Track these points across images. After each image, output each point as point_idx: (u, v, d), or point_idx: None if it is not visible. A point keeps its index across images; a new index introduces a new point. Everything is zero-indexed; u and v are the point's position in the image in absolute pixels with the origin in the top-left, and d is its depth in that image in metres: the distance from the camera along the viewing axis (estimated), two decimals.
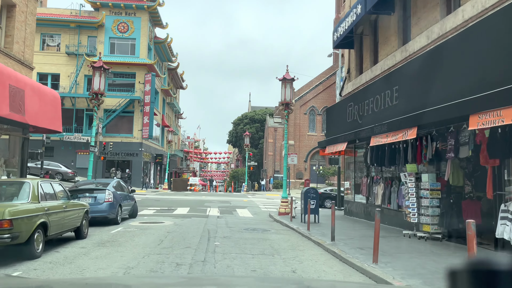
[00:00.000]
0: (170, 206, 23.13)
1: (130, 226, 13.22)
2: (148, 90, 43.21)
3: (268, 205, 26.32)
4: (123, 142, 43.43)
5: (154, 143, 51.36)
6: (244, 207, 23.93)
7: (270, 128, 53.09)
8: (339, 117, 17.84)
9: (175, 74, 65.79)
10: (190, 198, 29.96)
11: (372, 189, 15.16)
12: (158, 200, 27.39)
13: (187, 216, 17.31)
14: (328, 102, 52.13)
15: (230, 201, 28.15)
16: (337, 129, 17.60)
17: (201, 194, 36.93)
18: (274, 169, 52.44)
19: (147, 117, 42.99)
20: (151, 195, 32.96)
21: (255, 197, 34.49)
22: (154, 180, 52.52)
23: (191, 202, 26.08)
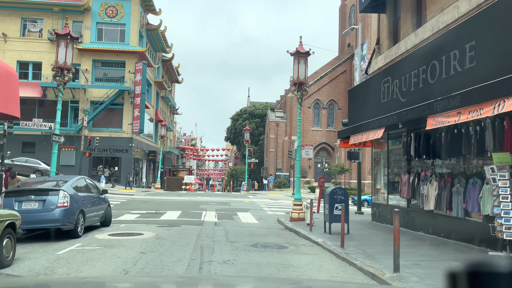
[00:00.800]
0: (159, 209, 19.49)
1: (93, 241, 9.55)
2: (139, 80, 39.47)
3: (273, 207, 22.69)
4: (112, 137, 39.71)
5: (147, 139, 47.63)
6: (246, 210, 20.29)
7: (271, 123, 49.45)
8: (369, 98, 14.20)
9: (170, 67, 62.05)
10: (183, 199, 26.32)
11: (418, 189, 11.51)
12: (146, 201, 23.72)
13: (176, 224, 13.66)
14: (334, 94, 48.60)
15: (229, 203, 24.52)
16: (366, 113, 13.96)
17: (196, 194, 33.31)
18: (275, 167, 48.80)
19: (137, 110, 39.27)
20: (140, 195, 29.29)
21: (256, 198, 30.88)
22: (147, 179, 48.81)
23: (184, 204, 22.42)
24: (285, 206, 24.02)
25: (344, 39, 53.30)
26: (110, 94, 39.40)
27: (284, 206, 24.43)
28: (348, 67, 49.35)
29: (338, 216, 11.21)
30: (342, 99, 49.54)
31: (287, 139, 48.76)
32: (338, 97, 49.50)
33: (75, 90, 39.50)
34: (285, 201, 29.47)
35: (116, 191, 31.89)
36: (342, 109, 49.58)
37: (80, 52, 39.97)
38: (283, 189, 45.27)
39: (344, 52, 50.33)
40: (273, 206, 23.40)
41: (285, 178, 47.11)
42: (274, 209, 21.85)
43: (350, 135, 14.89)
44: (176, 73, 67.66)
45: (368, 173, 44.01)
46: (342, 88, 49.54)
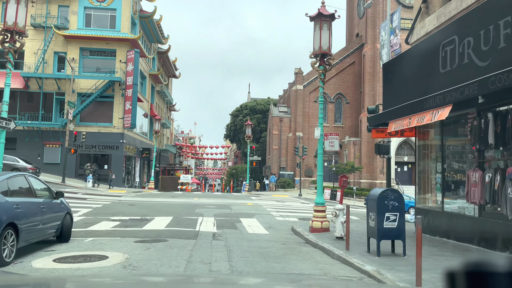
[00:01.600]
0: (146, 214, 16.11)
1: (22, 274, 6.13)
2: (131, 70, 36.06)
3: (282, 211, 19.31)
4: (101, 132, 36.30)
5: (140, 135, 44.23)
6: (251, 215, 16.91)
7: (274, 118, 46.03)
8: (416, 71, 10.81)
9: (166, 60, 58.64)
10: (178, 201, 22.92)
11: (504, 191, 8.09)
12: (133, 204, 20.31)
13: (162, 236, 10.28)
14: (341, 88, 45.25)
15: (230, 205, 21.13)
16: (413, 91, 10.58)
17: (193, 195, 29.93)
18: (279, 165, 45.40)
19: (129, 103, 35.85)
20: (129, 196, 25.88)
21: (260, 199, 27.50)
22: (141, 179, 45.39)
23: (178, 208, 19.02)
24: (296, 210, 20.65)
25: (352, 29, 49.92)
26: (99, 85, 35.99)
27: (294, 209, 21.05)
28: (357, 58, 45.97)
29: (391, 230, 7.83)
30: (350, 93, 46.21)
31: (292, 136, 45.37)
32: (346, 90, 46.13)
33: (60, 81, 36.11)
34: (293, 203, 26.08)
35: (102, 191, 28.50)
36: (351, 103, 46.24)
37: (67, 39, 36.54)
38: (287, 189, 41.88)
39: (353, 42, 46.95)
40: (281, 210, 20.01)
41: (289, 178, 43.73)
42: (283, 213, 18.46)
43: (388, 121, 11.48)
44: (173, 67, 64.26)
45: (380, 172, 40.65)
46: (351, 81, 46.20)
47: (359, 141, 42.47)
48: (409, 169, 43.47)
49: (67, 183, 31.42)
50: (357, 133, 44.90)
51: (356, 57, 46.02)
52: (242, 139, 60.22)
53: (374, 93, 42.22)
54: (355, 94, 46.17)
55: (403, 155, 43.24)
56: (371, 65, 42.62)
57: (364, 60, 43.17)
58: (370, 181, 41.36)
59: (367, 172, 41.25)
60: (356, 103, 46.00)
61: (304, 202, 27.46)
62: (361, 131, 42.67)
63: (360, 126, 43.08)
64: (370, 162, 41.48)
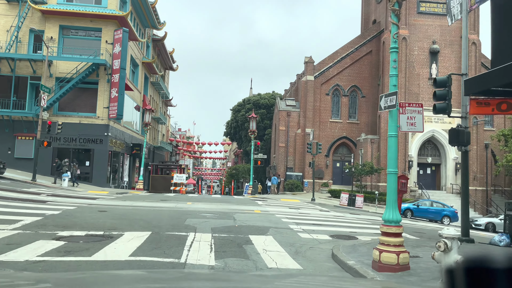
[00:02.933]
0: (114, 227, 11.25)
1: None
2: (118, 53, 31.17)
3: (302, 223, 14.43)
4: (83, 123, 31.40)
5: (131, 129, 39.33)
6: (264, 231, 12.01)
7: (281, 113, 41.12)
8: None
9: (162, 49, 53.79)
10: (166, 207, 18.00)
11: None
12: (105, 210, 15.36)
13: (116, 282, 5.37)
14: (357, 80, 40.39)
15: (233, 213, 16.23)
16: None
17: (187, 198, 25.03)
18: (286, 165, 40.47)
19: (115, 90, 30.94)
20: (108, 199, 20.94)
21: (269, 205, 22.56)
22: (130, 178, 40.45)
23: (163, 216, 14.10)
24: (319, 221, 15.75)
25: (368, 15, 45.06)
26: (81, 69, 31.08)
27: (316, 220, 16.15)
28: (374, 47, 41.11)
29: None
30: (366, 85, 41.34)
31: (300, 132, 40.46)
32: (362, 82, 41.24)
33: (36, 63, 31.20)
34: (309, 210, 21.16)
35: (78, 192, 23.58)
36: (367, 97, 41.36)
37: (44, 15, 31.63)
38: (296, 192, 36.94)
39: (369, 29, 42.09)
40: (301, 221, 15.10)
41: (297, 179, 38.81)
42: (305, 226, 13.57)
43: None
44: (170, 59, 59.41)
45: (402, 174, 35.69)
46: (367, 72, 41.33)
47: (377, 139, 37.59)
48: (432, 172, 38.59)
49: (38, 182, 26.53)
50: (374, 130, 40.03)
51: (373, 45, 41.17)
52: (244, 136, 55.30)
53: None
54: (371, 87, 41.30)
55: (427, 155, 38.39)
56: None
57: (384, 48, 38.33)
58: None
59: (386, 174, 36.29)
60: (373, 97, 41.13)
61: (322, 209, 22.55)
62: (379, 128, 37.78)
63: (378, 122, 38.20)
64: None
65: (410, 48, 37.62)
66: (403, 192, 10.80)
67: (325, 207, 25.41)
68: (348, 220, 17.13)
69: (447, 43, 38.17)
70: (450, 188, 37.26)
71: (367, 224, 16.52)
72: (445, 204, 28.35)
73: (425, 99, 37.61)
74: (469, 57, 37.53)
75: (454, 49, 38.19)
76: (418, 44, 37.85)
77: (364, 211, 27.26)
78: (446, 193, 36.81)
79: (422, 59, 37.89)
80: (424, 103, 37.23)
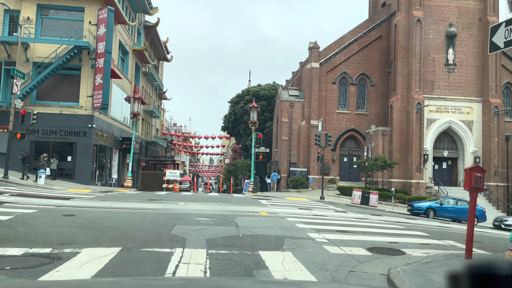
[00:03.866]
0: (71, 240, 8.06)
1: None
2: (103, 34, 27.86)
3: (323, 229, 11.26)
4: (64, 114, 28.14)
5: (120, 121, 36.08)
6: (279, 244, 8.81)
7: (284, 103, 37.91)
8: None
9: (155, 38, 50.43)
10: (152, 208, 14.80)
11: None
12: (74, 213, 12.12)
13: None
14: (365, 67, 37.24)
15: (234, 216, 13.02)
16: None
17: (180, 197, 21.85)
18: (289, 161, 37.30)
19: (100, 76, 27.66)
20: (86, 199, 17.72)
21: (275, 205, 19.36)
22: (120, 175, 37.20)
23: (145, 222, 10.90)
24: (340, 225, 12.59)
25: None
26: (61, 52, 27.77)
27: (336, 224, 12.98)
28: (384, 31, 37.94)
29: None
30: (376, 73, 38.18)
31: (305, 124, 37.30)
32: (371, 70, 38.08)
33: (11, 46, 27.88)
34: (323, 211, 17.98)
35: (55, 192, 20.35)
36: (377, 86, 38.22)
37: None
38: (301, 189, 33.80)
39: (378, 13, 38.89)
40: (320, 226, 11.92)
41: (302, 175, 35.67)
42: (329, 234, 10.43)
43: None
44: (164, 49, 56.07)
45: (417, 168, 32.69)
46: (376, 59, 38.17)
47: (389, 131, 34.48)
48: (448, 167, 35.54)
49: (11, 179, 23.33)
50: (384, 122, 36.92)
51: (383, 30, 37.99)
52: (243, 130, 52.08)
53: (408, 71, 34.18)
54: (381, 75, 38.14)
55: (442, 148, 35.31)
56: (405, 37, 34.59)
57: (396, 31, 35.16)
58: (403, 181, 33.38)
59: (399, 169, 33.27)
60: (383, 85, 38.00)
61: (337, 210, 19.39)
62: (391, 119, 34.67)
63: (390, 112, 35.08)
64: (403, 157, 33.48)
65: (425, 32, 34.45)
66: (478, 190, 7.65)
67: (337, 207, 22.28)
68: (375, 225, 13.97)
69: (464, 26, 35.03)
70: None
71: (399, 228, 13.37)
72: None
73: (441, 87, 34.53)
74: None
75: (473, 32, 35.06)
76: (434, 27, 34.69)
77: (380, 210, 24.16)
78: (463, 190, 33.68)
79: (437, 43, 34.75)
80: (440, 91, 34.17)
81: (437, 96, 34.29)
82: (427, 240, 11.07)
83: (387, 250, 9.07)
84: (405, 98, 34.20)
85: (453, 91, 34.48)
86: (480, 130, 34.48)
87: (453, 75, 34.61)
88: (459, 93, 34.51)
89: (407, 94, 34.04)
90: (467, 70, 34.75)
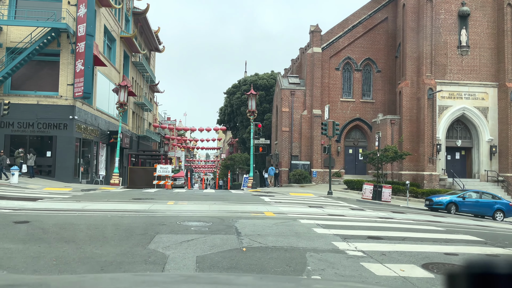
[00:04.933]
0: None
1: None
2: (83, 15, 25.09)
3: (352, 238, 8.62)
4: (42, 105, 25.42)
5: (107, 113, 33.36)
6: (298, 260, 6.15)
7: (284, 92, 35.27)
8: None
9: (145, 26, 47.56)
10: (132, 210, 12.18)
11: None
12: (28, 220, 9.45)
13: None
14: (371, 51, 34.67)
15: (235, 220, 10.38)
16: None
17: (171, 195, 19.25)
18: (290, 153, 34.74)
19: (81, 62, 24.92)
20: (60, 200, 15.05)
21: (279, 202, 16.78)
22: (108, 171, 34.48)
23: (116, 231, 8.25)
24: (366, 228, 10.02)
25: None
26: (36, 36, 24.99)
27: (361, 226, 10.42)
28: (390, 13, 35.33)
29: None
30: (382, 58, 35.60)
31: (307, 114, 34.71)
32: (377, 55, 35.48)
33: None
34: (337, 209, 15.40)
35: (26, 191, 17.68)
36: (383, 72, 35.65)
37: None
38: (304, 184, 31.26)
39: None
40: (343, 231, 9.32)
41: (304, 169, 33.13)
42: (360, 243, 7.84)
43: None
44: (155, 39, 53.19)
45: (429, 160, 30.19)
46: (383, 43, 35.56)
47: (398, 120, 31.95)
48: (462, 157, 33.08)
49: None
50: (391, 110, 34.39)
51: (389, 11, 35.37)
52: (240, 122, 49.45)
53: (418, 54, 31.58)
54: (388, 59, 35.56)
55: (455, 137, 32.84)
56: (414, 17, 31.96)
57: (405, 12, 32.52)
58: (415, 173, 30.89)
59: (410, 161, 30.77)
60: (390, 71, 35.43)
61: (353, 207, 16.82)
62: (400, 107, 32.13)
63: (399, 99, 32.53)
64: (414, 147, 30.96)
65: (436, 11, 31.85)
66: None
67: (349, 203, 19.76)
68: (407, 226, 11.39)
69: (478, 5, 32.45)
70: (484, 175, 31.77)
71: (439, 231, 10.80)
72: (495, 195, 22.82)
73: (453, 72, 31.98)
74: (505, 20, 31.84)
75: (487, 12, 32.48)
76: (445, 6, 32.08)
77: (394, 206, 21.67)
78: (480, 182, 31.33)
79: (449, 23, 32.15)
80: (453, 75, 31.62)
81: (449, 81, 31.76)
82: (488, 248, 8.50)
83: (444, 265, 6.51)
84: (415, 83, 31.64)
85: (467, 76, 31.96)
86: (496, 117, 32.01)
87: (467, 58, 32.07)
88: (473, 78, 31.99)
89: (418, 79, 31.48)
90: (481, 53, 32.22)
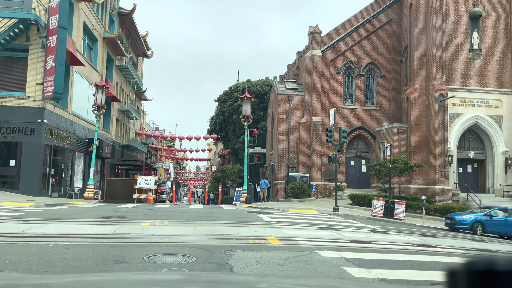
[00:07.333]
0: None
1: None
2: (56, 6, 22.12)
3: (405, 282, 5.63)
4: (6, 106, 22.25)
5: (86, 119, 30.19)
6: None
7: (281, 98, 32.44)
8: None
9: (132, 29, 44.69)
10: (90, 235, 9.07)
11: None
12: None
13: None
14: (374, 55, 32.10)
15: (228, 252, 7.33)
16: None
17: (149, 213, 16.12)
18: (287, 164, 31.76)
19: (52, 58, 21.87)
20: (6, 218, 11.81)
21: (282, 222, 13.74)
22: (85, 183, 31.08)
23: (42, 274, 5.10)
24: (409, 262, 6.96)
25: None
26: (2, 29, 21.93)
27: (400, 258, 7.34)
28: (395, 14, 32.92)
29: None
30: (386, 62, 33.05)
31: (305, 121, 31.87)
32: (381, 59, 32.93)
33: None
34: (357, 233, 12.36)
35: None
36: (387, 77, 33.07)
37: None
38: (303, 199, 28.23)
39: None
40: (388, 273, 6.30)
41: (303, 181, 30.16)
42: None
43: None
44: (143, 44, 50.29)
45: (440, 172, 27.40)
46: (386, 46, 33.06)
47: (406, 129, 29.24)
48: (474, 170, 30.36)
49: None
50: (396, 118, 31.73)
51: (393, 13, 32.97)
52: (232, 132, 46.48)
53: (427, 58, 29.06)
54: (393, 64, 33.02)
55: (467, 149, 30.18)
56: (423, 18, 29.53)
57: (412, 12, 30.09)
58: (425, 187, 28.08)
59: (419, 174, 28.00)
60: (395, 76, 32.87)
61: (374, 230, 13.75)
62: (408, 114, 29.46)
63: (406, 106, 29.88)
64: (423, 159, 28.22)
65: (446, 12, 29.46)
66: None
67: (360, 221, 16.78)
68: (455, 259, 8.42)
69: (490, 6, 30.17)
70: (499, 190, 29.06)
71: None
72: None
73: (465, 77, 29.48)
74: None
75: (499, 13, 30.20)
76: (456, 7, 29.73)
77: (410, 225, 18.76)
78: (495, 197, 28.61)
79: (460, 25, 29.76)
80: (464, 81, 29.07)
81: (460, 87, 29.23)
82: None
83: None
84: (424, 89, 29.05)
85: (479, 81, 29.48)
86: (511, 127, 29.47)
87: (479, 63, 29.63)
88: (485, 84, 29.52)
89: (427, 84, 28.91)
90: (494, 57, 29.82)
